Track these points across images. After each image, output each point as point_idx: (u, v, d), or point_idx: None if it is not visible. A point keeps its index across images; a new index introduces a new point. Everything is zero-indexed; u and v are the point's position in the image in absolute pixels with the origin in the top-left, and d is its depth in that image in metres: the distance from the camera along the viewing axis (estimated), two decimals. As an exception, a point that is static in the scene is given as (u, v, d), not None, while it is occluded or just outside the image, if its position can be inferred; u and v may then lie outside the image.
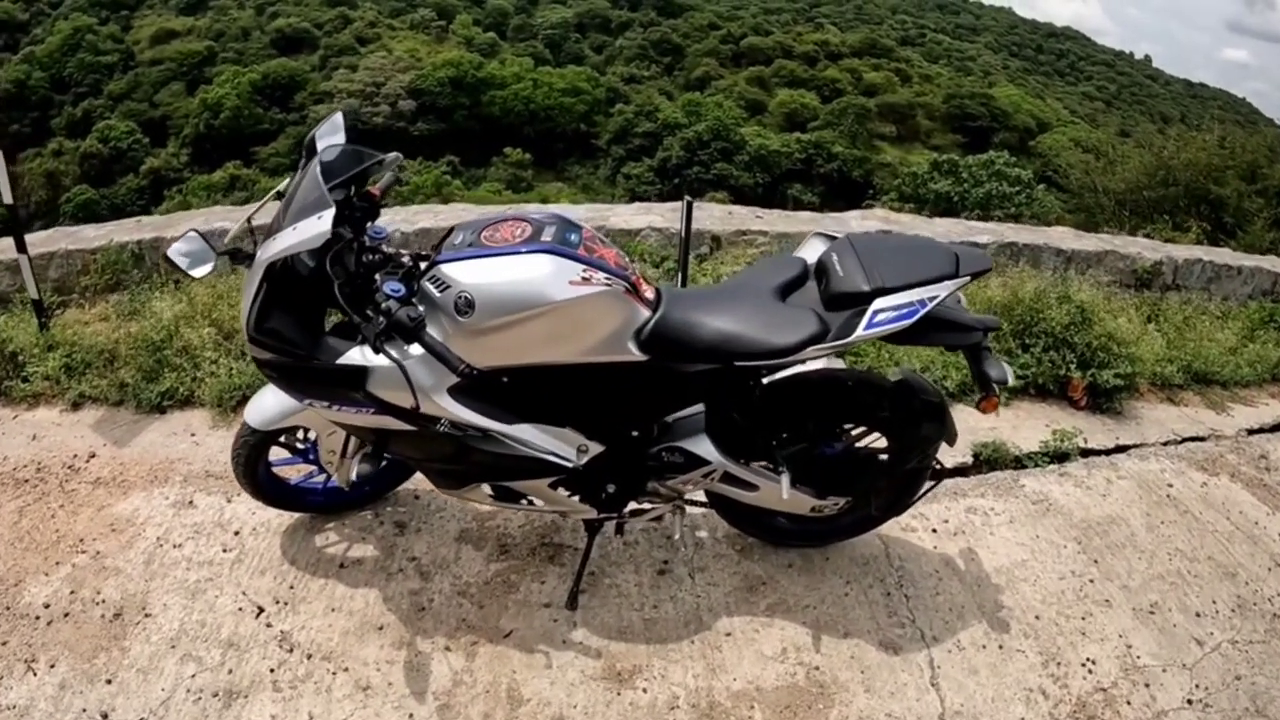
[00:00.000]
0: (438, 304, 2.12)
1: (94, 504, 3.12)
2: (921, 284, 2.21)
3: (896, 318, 2.19)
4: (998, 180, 23.49)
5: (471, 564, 2.85)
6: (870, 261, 2.27)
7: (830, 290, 2.30)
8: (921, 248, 2.38)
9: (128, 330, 4.09)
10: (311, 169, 2.12)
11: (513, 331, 2.11)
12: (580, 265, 2.12)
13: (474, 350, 2.11)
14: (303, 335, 2.20)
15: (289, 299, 2.18)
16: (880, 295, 2.20)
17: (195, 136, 54.28)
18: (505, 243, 2.15)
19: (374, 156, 2.28)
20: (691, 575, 2.84)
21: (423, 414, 2.20)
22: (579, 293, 2.10)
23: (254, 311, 2.15)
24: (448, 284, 2.10)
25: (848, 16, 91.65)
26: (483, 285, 2.08)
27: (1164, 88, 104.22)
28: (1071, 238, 5.96)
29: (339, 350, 2.20)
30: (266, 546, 2.89)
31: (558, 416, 2.35)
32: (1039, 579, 2.92)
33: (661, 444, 2.47)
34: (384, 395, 2.19)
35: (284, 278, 2.14)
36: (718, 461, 2.46)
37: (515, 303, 2.08)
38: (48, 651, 2.49)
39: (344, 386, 2.20)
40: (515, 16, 75.94)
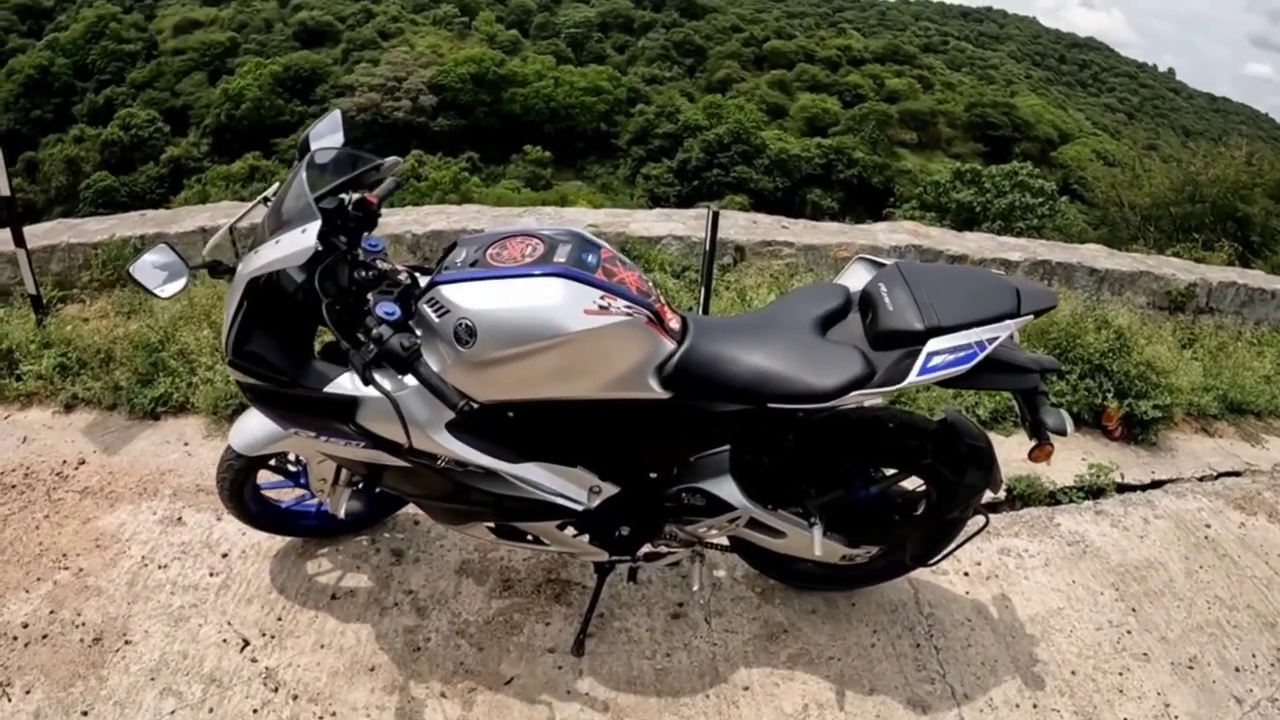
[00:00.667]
0: (436, 330, 1.91)
1: (80, 516, 2.98)
2: (980, 323, 2.00)
3: (953, 362, 1.96)
4: (1020, 191, 23.33)
5: (472, 600, 2.68)
6: (923, 295, 2.05)
7: (878, 326, 2.08)
8: (979, 281, 2.18)
9: (125, 329, 3.94)
10: (298, 175, 1.94)
11: (520, 364, 1.90)
12: (598, 291, 1.91)
13: (475, 383, 1.92)
14: (287, 359, 2.01)
15: (273, 318, 1.98)
16: (935, 335, 1.98)
17: (216, 126, 54.42)
18: (513, 262, 1.94)
19: (370, 161, 2.09)
20: (708, 620, 2.66)
21: (416, 450, 2.01)
22: (596, 323, 1.88)
23: (234, 331, 1.96)
24: (447, 308, 1.89)
25: (871, 22, 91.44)
26: (486, 312, 1.87)
27: (1187, 101, 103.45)
28: (1104, 257, 5.77)
29: (327, 376, 2.00)
30: (255, 572, 2.73)
31: (568, 455, 2.15)
32: (1075, 629, 2.75)
33: (681, 484, 2.27)
34: (375, 429, 1.99)
35: (269, 294, 1.96)
36: (743, 507, 2.26)
37: (523, 333, 1.87)
38: (24, 676, 2.35)
39: (332, 417, 2.01)
40: (538, 14, 75.96)
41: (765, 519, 2.29)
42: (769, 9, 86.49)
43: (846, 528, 2.37)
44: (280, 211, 1.92)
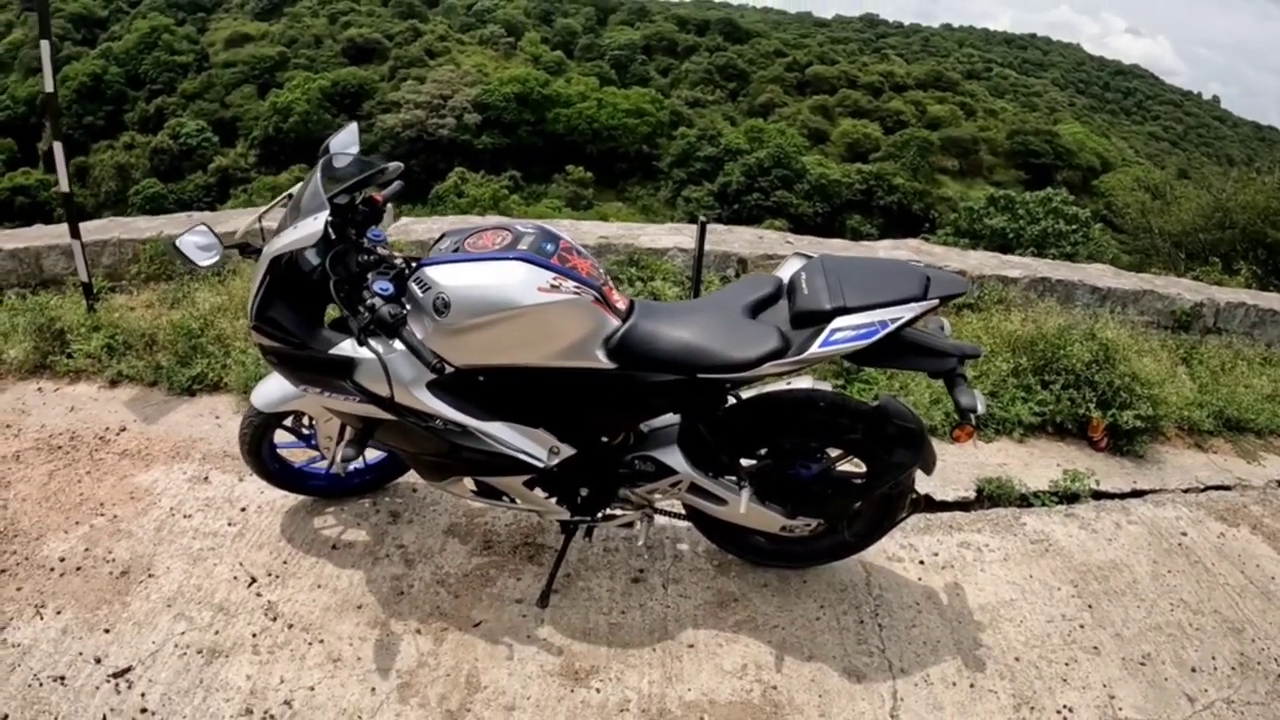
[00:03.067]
0: (420, 304, 2.27)
1: (118, 473, 3.34)
2: (886, 305, 2.25)
3: (854, 337, 2.23)
4: (1054, 218, 23.02)
5: (454, 556, 2.98)
6: (836, 281, 2.33)
7: (796, 308, 2.36)
8: (892, 269, 2.43)
9: (169, 318, 4.34)
10: (315, 174, 2.31)
11: (485, 332, 2.24)
12: (550, 273, 2.25)
13: (450, 348, 2.25)
14: (300, 326, 2.38)
15: (291, 292, 2.36)
16: (840, 314, 2.26)
17: (264, 138, 55.97)
18: (485, 249, 2.30)
19: (375, 166, 2.45)
20: (665, 585, 2.89)
21: (400, 404, 2.34)
22: (547, 299, 2.22)
23: (257, 300, 2.35)
24: (429, 285, 2.25)
25: (914, 48, 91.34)
26: (458, 287, 2.22)
27: (1232, 129, 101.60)
28: (1110, 276, 5.85)
29: (332, 342, 2.37)
30: (268, 524, 3.07)
31: (531, 417, 2.46)
32: (1025, 620, 2.85)
33: (635, 452, 2.58)
34: (367, 385, 2.34)
35: (288, 272, 2.33)
36: (685, 473, 2.54)
37: (487, 305, 2.21)
38: (56, 600, 2.70)
39: (334, 375, 2.37)
40: (583, 36, 76.99)
41: (705, 485, 2.57)
42: (812, 34, 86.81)
43: (785, 498, 2.62)
44: (299, 204, 2.29)
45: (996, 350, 4.33)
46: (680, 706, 2.47)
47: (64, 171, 4.40)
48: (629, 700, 2.47)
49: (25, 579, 2.78)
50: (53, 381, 4.03)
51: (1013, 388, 4.14)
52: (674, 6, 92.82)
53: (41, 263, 5.24)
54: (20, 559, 2.86)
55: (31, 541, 2.94)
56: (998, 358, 4.27)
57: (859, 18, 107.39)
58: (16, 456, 3.43)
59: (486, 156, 54.29)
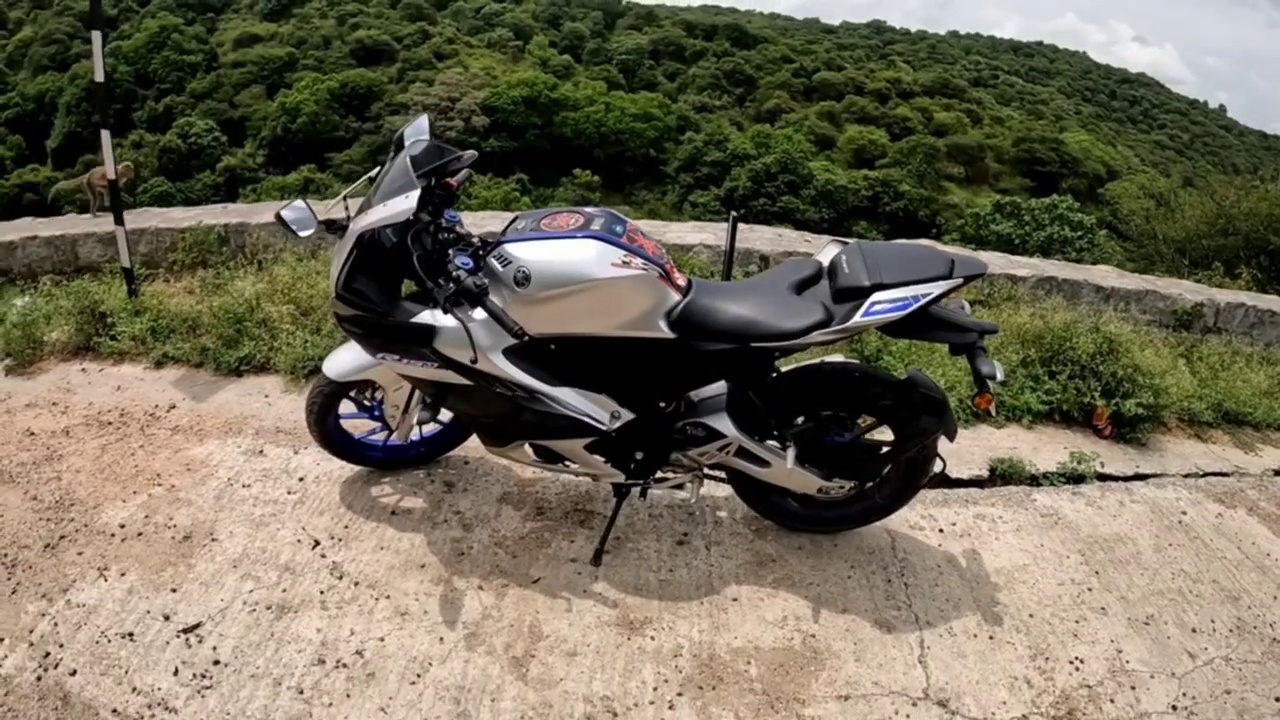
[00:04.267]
0: (500, 277, 2.47)
1: (171, 447, 3.49)
2: (917, 282, 2.49)
3: (891, 309, 2.47)
4: (1060, 225, 23.14)
5: (510, 521, 3.15)
6: (874, 262, 2.56)
7: (837, 285, 2.58)
8: (921, 253, 2.65)
9: (211, 303, 4.49)
10: (402, 157, 2.49)
11: (561, 303, 2.46)
12: (621, 251, 2.47)
13: (527, 318, 2.43)
14: (382, 297, 2.57)
15: (373, 266, 2.54)
16: (878, 290, 2.48)
17: (272, 139, 56.03)
18: (560, 229, 2.52)
19: (453, 153, 2.63)
20: (707, 547, 3.08)
21: (478, 370, 2.53)
22: (618, 274, 2.44)
23: (343, 273, 2.53)
24: (510, 260, 2.46)
25: (921, 55, 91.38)
26: (538, 262, 2.44)
27: (1238, 138, 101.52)
28: (1114, 276, 6.03)
29: (412, 312, 2.57)
30: (327, 492, 3.22)
31: (595, 383, 2.67)
32: (1037, 582, 3.05)
33: (687, 418, 2.78)
34: (448, 351, 2.53)
35: (371, 248, 2.51)
36: (734, 436, 2.75)
37: (563, 278, 2.43)
38: (119, 563, 2.84)
39: (414, 342, 2.56)
40: (591, 40, 77.01)
41: (752, 447, 2.77)
42: (820, 40, 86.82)
43: (823, 462, 2.83)
44: (385, 184, 2.48)
45: (1006, 342, 4.51)
46: (729, 652, 2.66)
47: (110, 159, 4.56)
48: (681, 647, 2.66)
49: (85, 544, 2.92)
50: (96, 363, 4.17)
51: (1022, 377, 4.32)
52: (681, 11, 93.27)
53: (77, 250, 5.43)
54: (79, 526, 3.00)
55: (89, 510, 3.08)
56: (1008, 349, 4.44)
57: (866, 24, 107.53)
58: (66, 432, 3.56)
59: (494, 159, 53.94)
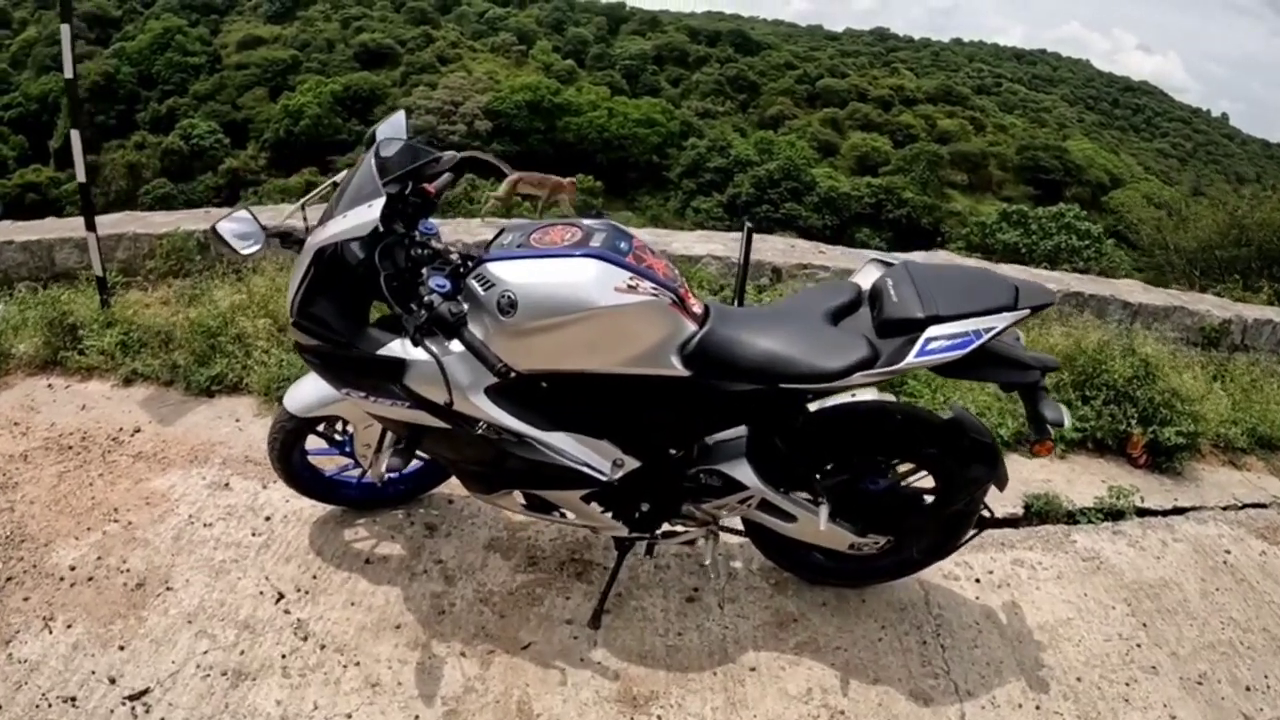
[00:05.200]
0: (481, 302, 2.09)
1: (132, 476, 3.17)
2: (978, 314, 2.11)
3: (949, 347, 2.09)
4: (1067, 233, 23.12)
5: (498, 573, 2.81)
6: (926, 289, 2.18)
7: (883, 316, 2.21)
8: (980, 277, 2.29)
9: (186, 315, 4.17)
10: (366, 160, 2.14)
11: (554, 335, 2.08)
12: (627, 273, 2.09)
13: (514, 351, 2.08)
14: (345, 323, 2.21)
15: (336, 287, 2.19)
16: (934, 323, 2.10)
17: (275, 141, 55.78)
18: (554, 245, 2.14)
19: (430, 154, 2.27)
20: (721, 605, 2.75)
21: (456, 412, 2.18)
22: (623, 300, 2.06)
23: (299, 295, 2.17)
24: (492, 282, 2.08)
25: (924, 62, 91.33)
26: (526, 285, 2.06)
27: (1240, 147, 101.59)
28: (1140, 291, 5.82)
29: (380, 341, 2.20)
30: (295, 535, 2.89)
31: (595, 427, 2.30)
32: (1084, 639, 2.78)
33: (700, 465, 2.42)
34: (420, 390, 2.17)
35: (332, 265, 2.16)
36: (756, 488, 2.38)
37: (558, 305, 2.05)
38: (66, 612, 2.53)
39: (382, 378, 2.20)
40: (594, 45, 76.90)
41: (776, 501, 2.40)
42: (823, 47, 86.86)
43: (855, 515, 2.47)
44: (348, 191, 2.13)
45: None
46: (747, 735, 2.32)
47: (81, 162, 4.25)
48: (692, 729, 2.32)
49: (33, 588, 2.61)
50: (64, 378, 3.87)
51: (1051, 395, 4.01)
52: (685, 17, 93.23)
53: (54, 255, 5.13)
54: (28, 566, 2.70)
55: (40, 548, 2.77)
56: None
57: (870, 31, 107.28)
58: (24, 456, 3.26)
59: (497, 164, 54.08)
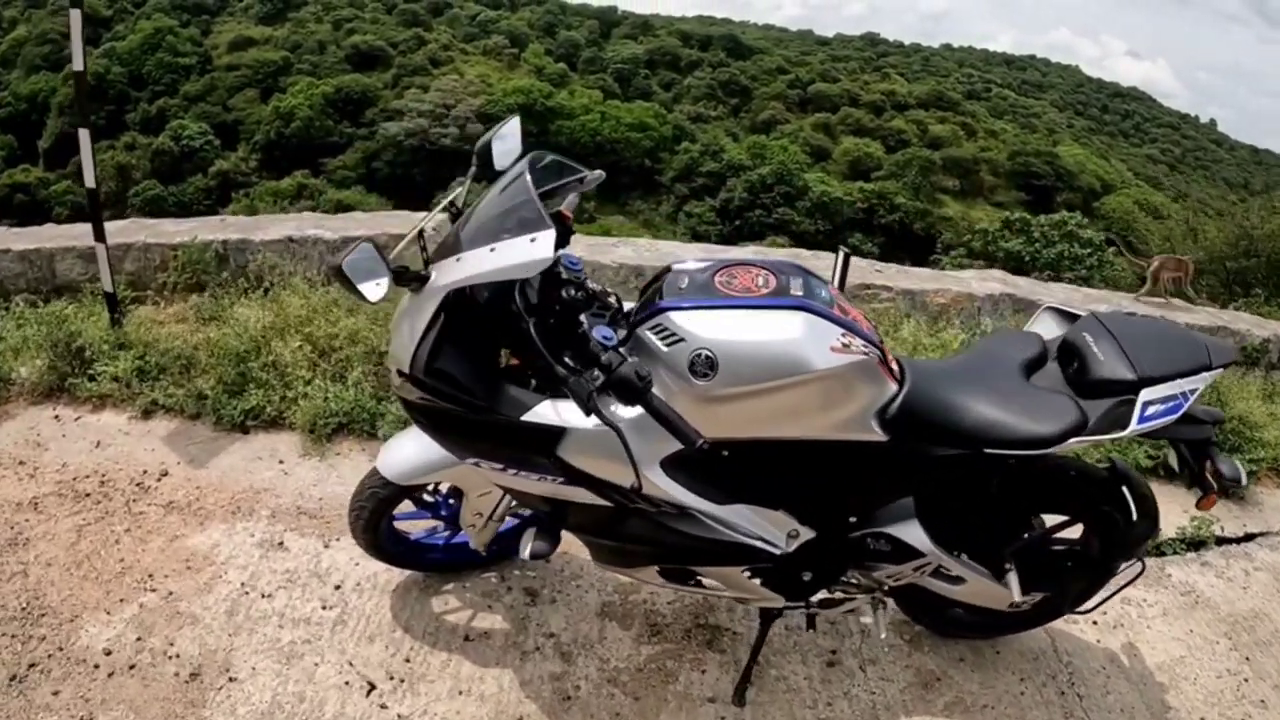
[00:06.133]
0: (662, 360, 1.75)
1: (165, 532, 2.76)
2: (1184, 375, 1.99)
3: (1165, 412, 1.96)
4: (1069, 242, 23.09)
5: (619, 646, 2.48)
6: (1130, 347, 2.03)
7: (1089, 375, 2.03)
8: (1174, 334, 2.23)
9: (207, 336, 3.78)
10: (523, 181, 1.77)
11: (755, 401, 1.77)
12: (838, 328, 1.79)
13: (702, 418, 1.68)
14: (479, 381, 1.83)
15: (464, 336, 1.81)
16: (1147, 386, 1.97)
17: (266, 143, 55.12)
18: (748, 293, 1.80)
19: (577, 171, 1.93)
20: (863, 668, 2.54)
21: (631, 490, 1.82)
22: (838, 361, 1.77)
23: (424, 346, 1.78)
24: (679, 336, 1.74)
25: (915, 68, 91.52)
26: (729, 344, 1.73)
27: (1229, 153, 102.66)
28: (1182, 312, 5.80)
29: (524, 404, 1.82)
30: (374, 607, 2.51)
31: (773, 497, 1.99)
32: (1198, 677, 2.74)
33: (866, 528, 2.12)
34: (586, 465, 1.83)
35: (460, 309, 1.78)
36: (931, 554, 2.13)
37: (767, 368, 1.74)
38: (108, 711, 2.12)
39: (528, 449, 1.84)
40: (586, 49, 76.83)
41: (950, 566, 2.18)
42: (814, 52, 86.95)
43: (1024, 575, 2.25)
44: (488, 218, 1.78)
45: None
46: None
47: (90, 164, 3.88)
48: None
49: (63, 678, 2.21)
50: (72, 408, 3.46)
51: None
52: (677, 21, 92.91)
53: (55, 266, 4.68)
54: (53, 648, 2.29)
55: (65, 624, 2.37)
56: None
57: (860, 36, 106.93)
58: (34, 505, 2.85)
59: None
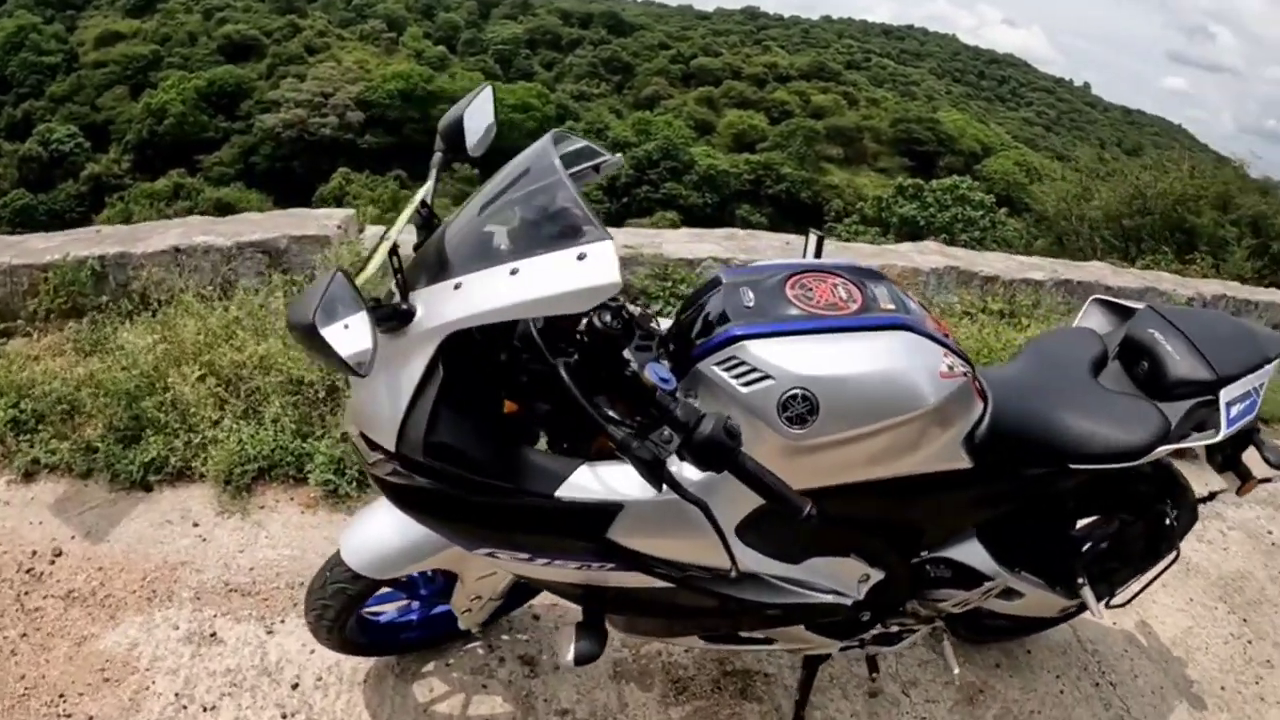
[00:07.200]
0: (740, 403, 1.34)
1: (70, 633, 2.23)
2: (1254, 370, 1.89)
3: (1245, 410, 1.85)
4: (962, 205, 23.77)
5: (646, 712, 2.15)
6: (1203, 343, 1.90)
7: (1167, 377, 1.87)
8: (1238, 328, 2.06)
9: (89, 371, 3.17)
10: (547, 168, 1.33)
11: (853, 446, 1.40)
12: (940, 348, 1.45)
13: (790, 472, 1.26)
14: (491, 450, 1.35)
15: (464, 388, 1.32)
16: (1225, 385, 1.84)
17: (138, 143, 52.22)
18: (834, 310, 1.42)
19: (601, 154, 1.49)
20: (905, 693, 2.37)
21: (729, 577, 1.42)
22: (947, 390, 1.43)
23: (418, 413, 1.28)
24: (763, 373, 1.34)
25: (795, 40, 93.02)
26: (831, 379, 1.35)
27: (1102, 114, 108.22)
28: (1110, 274, 5.91)
29: (556, 473, 1.36)
30: (345, 708, 2.05)
31: (843, 543, 1.65)
32: (1209, 646, 2.78)
33: (925, 554, 1.82)
34: (646, 546, 1.42)
35: (454, 352, 1.30)
36: (997, 575, 1.86)
37: (877, 407, 1.38)
38: None
39: (567, 533, 1.40)
40: (466, 31, 75.67)
41: (1014, 584, 1.94)
42: (695, 27, 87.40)
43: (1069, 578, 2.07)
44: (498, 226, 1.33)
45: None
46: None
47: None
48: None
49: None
50: (-65, 477, 2.82)
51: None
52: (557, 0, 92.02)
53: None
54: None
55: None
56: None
57: (740, 10, 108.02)
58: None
59: (371, 156, 52.39)
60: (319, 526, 2.68)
